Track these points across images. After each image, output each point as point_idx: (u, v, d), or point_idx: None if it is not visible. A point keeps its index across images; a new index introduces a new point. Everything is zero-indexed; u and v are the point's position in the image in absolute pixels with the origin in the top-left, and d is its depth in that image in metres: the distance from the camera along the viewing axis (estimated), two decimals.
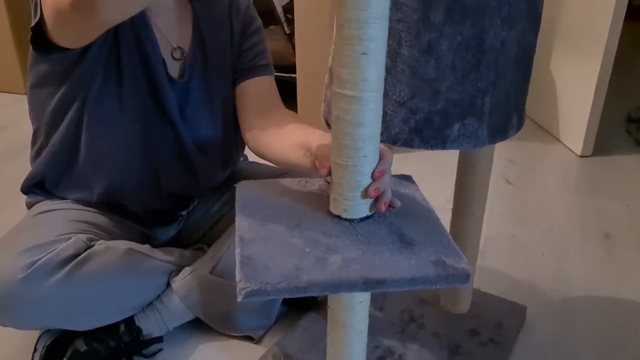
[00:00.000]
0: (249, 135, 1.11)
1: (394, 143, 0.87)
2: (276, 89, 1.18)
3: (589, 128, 2.06)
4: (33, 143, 1.14)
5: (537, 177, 1.96)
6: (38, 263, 0.94)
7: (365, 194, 0.70)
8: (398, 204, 0.73)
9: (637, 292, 1.36)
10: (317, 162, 0.78)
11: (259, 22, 1.19)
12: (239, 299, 0.62)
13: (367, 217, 0.73)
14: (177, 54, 1.08)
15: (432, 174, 1.46)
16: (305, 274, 0.64)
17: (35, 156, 1.13)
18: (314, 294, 0.64)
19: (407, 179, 0.83)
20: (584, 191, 1.87)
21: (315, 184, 0.82)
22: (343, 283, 0.64)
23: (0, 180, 1.89)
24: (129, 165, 1.08)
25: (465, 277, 0.64)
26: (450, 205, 1.11)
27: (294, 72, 2.23)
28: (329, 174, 0.73)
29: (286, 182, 0.84)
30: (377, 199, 0.72)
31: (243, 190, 0.82)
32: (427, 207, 0.76)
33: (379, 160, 0.71)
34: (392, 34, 0.81)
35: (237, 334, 1.17)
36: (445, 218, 1.04)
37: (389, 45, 0.80)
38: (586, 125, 2.05)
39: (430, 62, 0.81)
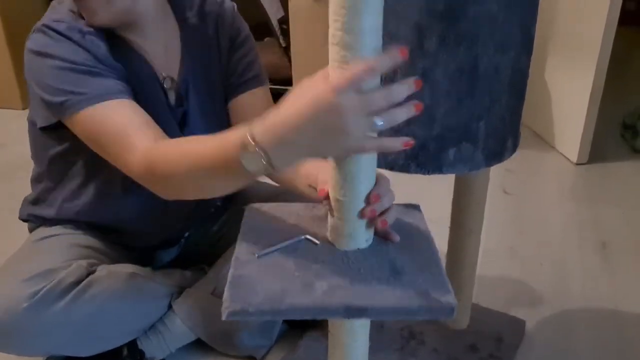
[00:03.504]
0: None
1: (391, 169, 0.88)
2: (270, 99, 1.15)
3: (584, 136, 2.07)
4: (35, 180, 1.15)
5: (534, 186, 1.98)
6: (41, 292, 0.95)
7: (361, 214, 0.70)
8: (397, 239, 0.74)
9: (636, 301, 1.37)
10: (317, 186, 0.79)
11: (246, 31, 1.15)
12: (223, 317, 0.64)
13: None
14: (168, 83, 1.05)
15: (430, 188, 1.47)
16: (290, 297, 0.65)
17: (40, 195, 1.14)
18: (296, 318, 0.65)
19: (414, 207, 0.84)
20: (580, 200, 1.88)
21: (322, 210, 0.83)
22: (325, 309, 0.65)
23: (0, 198, 1.89)
24: (136, 202, 1.07)
25: (450, 311, 0.64)
26: (447, 219, 1.12)
27: (290, 85, 2.24)
28: (327, 197, 0.73)
29: (294, 206, 0.85)
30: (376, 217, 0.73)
31: (251, 213, 0.84)
32: (427, 238, 0.77)
33: (375, 185, 0.71)
34: None
35: (239, 354, 1.18)
36: (443, 233, 1.06)
37: (384, 74, 0.82)
38: (581, 133, 2.06)
39: (425, 89, 0.82)
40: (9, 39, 2.59)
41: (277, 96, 1.19)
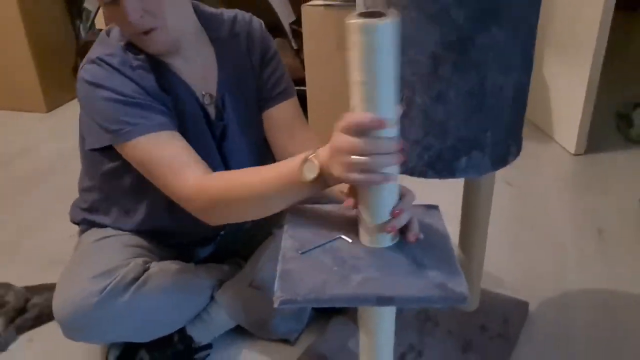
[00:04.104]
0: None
1: (411, 174, 1.01)
2: (299, 109, 1.26)
3: (582, 127, 2.17)
4: (86, 190, 1.28)
5: (534, 177, 2.09)
6: (108, 287, 1.09)
7: (383, 229, 0.82)
8: (421, 237, 0.87)
9: (629, 284, 1.50)
10: (344, 196, 0.91)
11: (274, 46, 1.25)
12: (275, 305, 0.77)
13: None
14: (207, 100, 1.16)
15: (442, 182, 1.59)
16: (330, 288, 0.78)
17: (93, 205, 1.27)
18: (336, 306, 0.78)
19: (434, 208, 0.96)
20: (578, 189, 2.00)
21: (354, 211, 0.94)
22: (359, 298, 0.77)
23: (30, 204, 1.89)
24: (180, 215, 1.14)
25: (463, 299, 0.77)
26: (456, 212, 1.24)
27: (303, 85, 2.33)
28: (355, 207, 0.84)
29: (329, 207, 0.97)
30: (405, 231, 0.85)
31: (293, 214, 0.95)
32: (444, 237, 0.89)
33: (401, 199, 0.82)
34: (408, 84, 0.95)
35: (274, 338, 1.32)
36: (452, 225, 1.17)
37: (405, 94, 0.95)
38: (578, 125, 2.16)
39: (439, 108, 0.95)
40: (32, 44, 2.67)
41: None
